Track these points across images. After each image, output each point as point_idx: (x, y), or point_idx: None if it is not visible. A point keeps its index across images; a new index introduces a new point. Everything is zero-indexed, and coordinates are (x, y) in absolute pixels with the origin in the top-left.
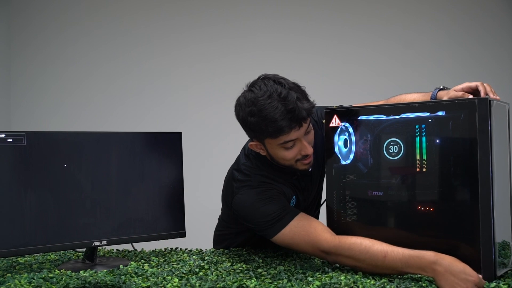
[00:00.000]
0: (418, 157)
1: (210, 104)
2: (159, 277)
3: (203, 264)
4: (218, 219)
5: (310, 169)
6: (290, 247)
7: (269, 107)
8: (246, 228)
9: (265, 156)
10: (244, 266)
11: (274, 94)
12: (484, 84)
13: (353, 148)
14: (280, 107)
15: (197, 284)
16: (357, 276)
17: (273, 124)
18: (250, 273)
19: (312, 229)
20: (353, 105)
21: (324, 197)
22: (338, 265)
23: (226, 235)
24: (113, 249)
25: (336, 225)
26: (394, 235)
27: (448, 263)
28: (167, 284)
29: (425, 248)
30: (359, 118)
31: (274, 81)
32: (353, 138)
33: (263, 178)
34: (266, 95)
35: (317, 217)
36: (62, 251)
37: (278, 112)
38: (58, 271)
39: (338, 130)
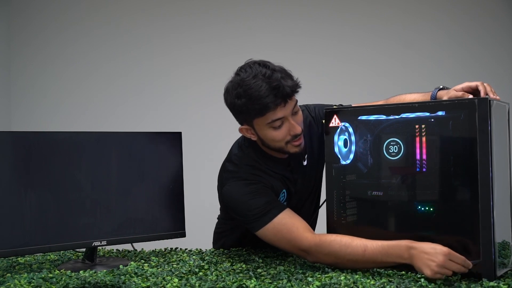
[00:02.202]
0: (418, 157)
1: (210, 104)
2: (159, 277)
3: (203, 264)
4: (217, 218)
5: (306, 162)
6: (272, 244)
7: (254, 86)
8: (240, 223)
9: (258, 146)
10: (244, 266)
11: (259, 75)
12: (484, 84)
13: (353, 148)
14: (265, 85)
15: (197, 284)
16: (357, 276)
17: (259, 101)
18: (250, 273)
19: (294, 228)
20: (353, 105)
21: (324, 197)
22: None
23: (223, 232)
24: (113, 249)
25: (336, 225)
26: (394, 235)
27: (421, 245)
28: (167, 284)
29: None
30: (359, 118)
31: (259, 64)
32: (353, 138)
33: (253, 170)
34: (251, 76)
35: (315, 219)
36: (62, 251)
37: (263, 89)
38: (58, 271)
39: (338, 130)
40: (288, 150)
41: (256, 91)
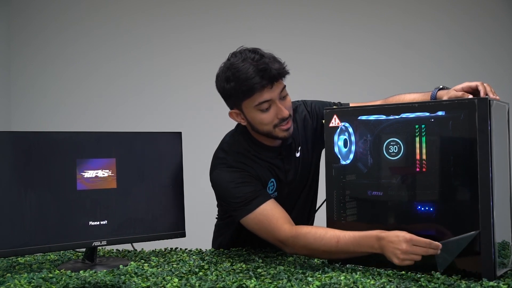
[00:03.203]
0: (418, 157)
1: (210, 104)
2: (159, 277)
3: (203, 264)
4: (216, 217)
5: (298, 154)
6: (254, 233)
7: (242, 69)
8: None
9: (249, 133)
10: (244, 266)
11: (248, 59)
12: (484, 84)
13: (353, 148)
14: (252, 67)
15: (197, 284)
16: (357, 276)
17: (246, 82)
18: (250, 273)
19: (274, 219)
20: (351, 104)
21: (324, 197)
22: (337, 265)
23: (220, 230)
24: (113, 249)
25: (336, 225)
26: None
27: (388, 234)
28: (167, 284)
29: None
30: (359, 118)
31: (249, 50)
32: (353, 138)
33: (241, 158)
34: (240, 60)
35: (312, 221)
36: (62, 251)
37: (250, 71)
38: (58, 271)
39: (338, 130)
40: (276, 134)
41: (244, 73)
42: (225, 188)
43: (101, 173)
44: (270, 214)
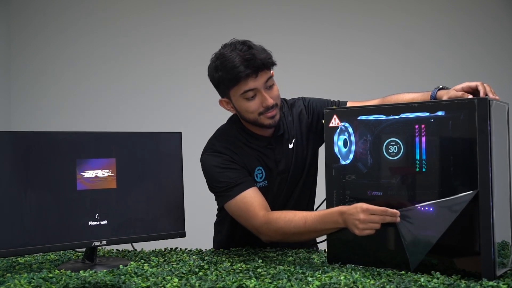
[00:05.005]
0: (417, 157)
1: (210, 104)
2: (159, 277)
3: (203, 264)
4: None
5: (292, 145)
6: (236, 220)
7: (229, 58)
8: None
9: (241, 122)
10: (243, 266)
11: (237, 49)
12: (484, 84)
13: (353, 148)
14: (239, 57)
15: (197, 284)
16: (357, 276)
17: (231, 71)
18: (250, 273)
19: (252, 207)
20: (348, 103)
21: (324, 197)
22: (337, 265)
23: (218, 226)
24: (113, 249)
25: None
26: (393, 235)
27: (348, 208)
28: (166, 284)
29: None
30: (359, 118)
31: (239, 42)
32: (352, 138)
33: (228, 144)
34: (229, 50)
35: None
36: (62, 251)
37: (236, 60)
38: (58, 271)
39: (338, 130)
40: (262, 122)
41: (231, 62)
42: (210, 172)
43: (101, 173)
44: (249, 202)
